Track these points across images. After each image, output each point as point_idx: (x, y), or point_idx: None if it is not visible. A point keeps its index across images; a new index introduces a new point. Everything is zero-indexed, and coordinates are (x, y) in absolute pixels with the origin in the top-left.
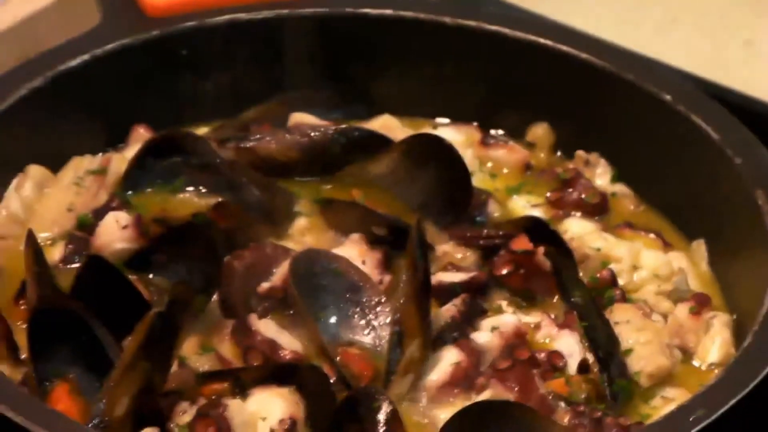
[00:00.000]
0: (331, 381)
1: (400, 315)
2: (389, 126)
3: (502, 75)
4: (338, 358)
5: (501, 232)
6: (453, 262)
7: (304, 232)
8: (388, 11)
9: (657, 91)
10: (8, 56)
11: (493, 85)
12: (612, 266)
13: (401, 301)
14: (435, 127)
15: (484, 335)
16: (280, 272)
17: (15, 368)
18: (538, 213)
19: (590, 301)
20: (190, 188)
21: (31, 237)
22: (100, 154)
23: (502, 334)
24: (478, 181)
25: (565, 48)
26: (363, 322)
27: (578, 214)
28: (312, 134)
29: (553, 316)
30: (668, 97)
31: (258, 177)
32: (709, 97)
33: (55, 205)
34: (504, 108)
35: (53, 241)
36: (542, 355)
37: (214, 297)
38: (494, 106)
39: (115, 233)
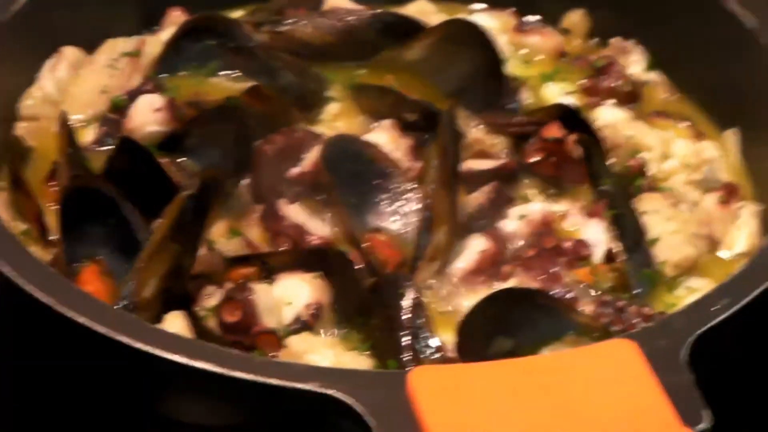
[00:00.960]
0: (358, 267)
1: (428, 201)
2: (424, 11)
3: None
4: (366, 245)
5: (533, 120)
6: (484, 149)
7: (336, 118)
8: None
9: None
10: None
11: None
12: (642, 155)
13: (430, 188)
14: (470, 12)
15: (512, 223)
16: (311, 157)
17: (45, 249)
18: (571, 101)
19: (619, 189)
20: (224, 72)
21: (64, 118)
22: (135, 36)
23: (530, 222)
24: (512, 67)
25: None
26: (392, 208)
27: (611, 102)
28: (347, 18)
29: (581, 204)
30: None
31: (292, 61)
32: None
33: (88, 87)
34: None
35: (86, 123)
36: (568, 244)
37: (244, 181)
38: None
39: (148, 116)
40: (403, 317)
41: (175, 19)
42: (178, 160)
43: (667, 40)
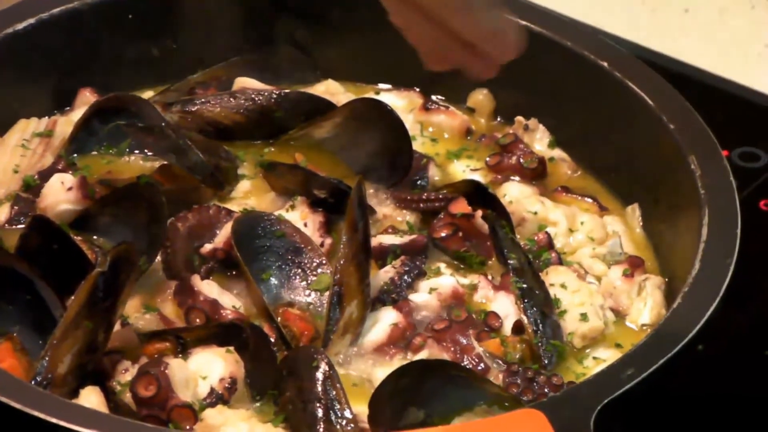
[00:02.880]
0: (272, 340)
1: (339, 276)
2: (332, 91)
3: None
4: (279, 319)
5: (441, 196)
6: (393, 225)
7: (247, 195)
8: None
9: (594, 58)
10: None
11: None
12: (549, 229)
13: (341, 262)
14: (377, 92)
15: (423, 296)
16: (223, 234)
17: None
18: (477, 177)
19: (526, 263)
20: (136, 151)
21: None
22: (47, 116)
23: (440, 295)
24: (419, 145)
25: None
26: (304, 283)
27: (517, 178)
28: (256, 98)
29: (490, 277)
30: (605, 64)
31: (202, 140)
32: (645, 64)
33: (0, 167)
34: (445, 74)
35: None
36: (479, 317)
37: (158, 258)
38: (436, 72)
39: (60, 195)
40: (317, 389)
41: (87, 99)
42: (91, 238)
43: (567, 119)
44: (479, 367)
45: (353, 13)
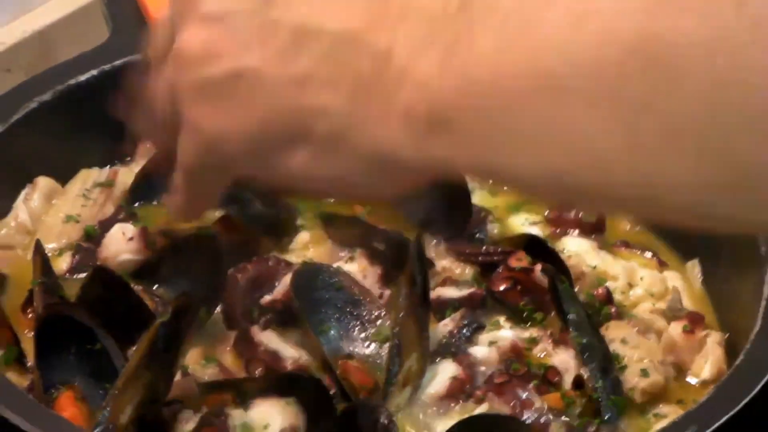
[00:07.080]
0: (331, 392)
1: (399, 328)
2: None
3: None
4: (338, 371)
5: (499, 249)
6: (452, 278)
7: (306, 246)
8: None
9: None
10: (18, 69)
11: None
12: (608, 284)
13: (400, 315)
14: None
15: (482, 349)
16: (282, 285)
17: (22, 376)
18: (536, 230)
19: (586, 317)
20: None
21: (38, 247)
22: (108, 166)
23: (500, 348)
24: (478, 198)
25: None
26: (363, 335)
27: (576, 232)
28: None
29: (549, 332)
30: None
31: (262, 191)
32: None
33: (62, 217)
34: None
35: (60, 251)
36: (538, 371)
37: (218, 308)
38: None
39: (121, 245)
40: None
41: (148, 150)
42: (152, 288)
43: None
44: (540, 422)
45: None
